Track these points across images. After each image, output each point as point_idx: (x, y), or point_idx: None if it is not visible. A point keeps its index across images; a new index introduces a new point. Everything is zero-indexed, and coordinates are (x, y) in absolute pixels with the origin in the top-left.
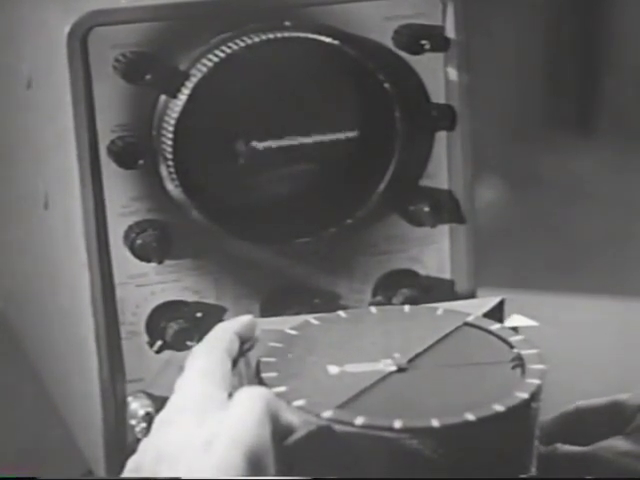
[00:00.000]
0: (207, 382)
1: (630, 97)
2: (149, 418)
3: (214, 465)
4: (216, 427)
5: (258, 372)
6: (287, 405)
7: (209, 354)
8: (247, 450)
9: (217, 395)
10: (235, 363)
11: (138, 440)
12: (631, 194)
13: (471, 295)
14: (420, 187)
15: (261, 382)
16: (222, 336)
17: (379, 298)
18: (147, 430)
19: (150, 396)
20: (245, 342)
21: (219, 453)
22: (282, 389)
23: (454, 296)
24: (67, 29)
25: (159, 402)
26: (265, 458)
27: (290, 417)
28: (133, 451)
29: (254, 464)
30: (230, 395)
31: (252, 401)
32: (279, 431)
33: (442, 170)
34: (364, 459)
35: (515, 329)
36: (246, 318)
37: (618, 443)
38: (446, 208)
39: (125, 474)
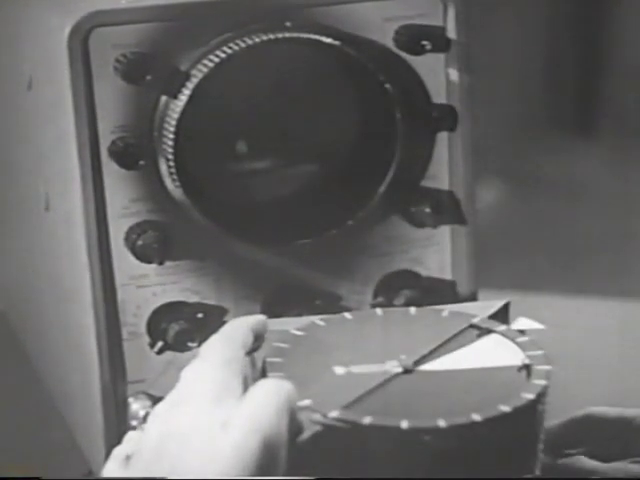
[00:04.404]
0: (225, 371)
1: (630, 97)
2: None
3: (229, 446)
4: (234, 411)
5: (264, 372)
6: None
7: (227, 345)
8: (264, 437)
9: (234, 385)
10: None
11: None
12: (633, 194)
13: (472, 296)
14: (421, 188)
15: None
16: (239, 329)
17: (380, 299)
18: None
19: (151, 397)
20: (257, 340)
21: (236, 435)
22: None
23: (455, 297)
24: (68, 30)
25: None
26: (280, 449)
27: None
28: None
29: (269, 453)
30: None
31: (273, 391)
32: (294, 427)
33: (443, 171)
34: (371, 459)
35: (522, 331)
36: (260, 316)
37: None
38: (447, 209)
39: (111, 462)
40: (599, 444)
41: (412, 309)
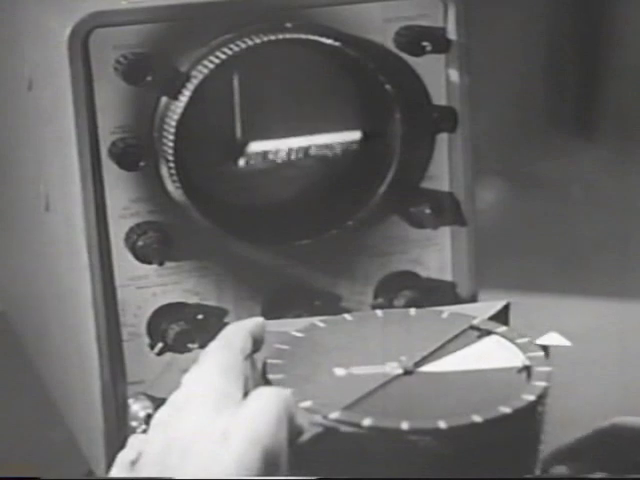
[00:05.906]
0: (225, 378)
1: (631, 98)
2: (150, 420)
3: (230, 457)
4: (233, 421)
5: (264, 374)
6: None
7: (226, 351)
8: (264, 447)
9: (234, 392)
10: None
11: None
12: (633, 194)
13: (472, 297)
14: (421, 189)
15: (267, 384)
16: (237, 334)
17: (380, 300)
18: None
19: (151, 398)
20: (256, 343)
21: (236, 446)
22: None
23: (455, 298)
24: (68, 31)
25: (160, 404)
26: (280, 457)
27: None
28: None
29: (270, 461)
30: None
31: (271, 399)
32: (293, 431)
33: (443, 172)
34: (371, 460)
35: (545, 347)
36: (258, 319)
37: None
38: (447, 210)
39: (116, 469)
40: (625, 455)
41: (412, 310)
